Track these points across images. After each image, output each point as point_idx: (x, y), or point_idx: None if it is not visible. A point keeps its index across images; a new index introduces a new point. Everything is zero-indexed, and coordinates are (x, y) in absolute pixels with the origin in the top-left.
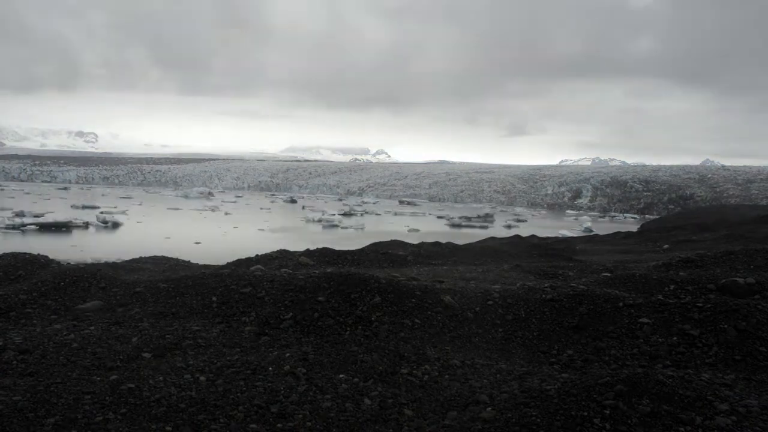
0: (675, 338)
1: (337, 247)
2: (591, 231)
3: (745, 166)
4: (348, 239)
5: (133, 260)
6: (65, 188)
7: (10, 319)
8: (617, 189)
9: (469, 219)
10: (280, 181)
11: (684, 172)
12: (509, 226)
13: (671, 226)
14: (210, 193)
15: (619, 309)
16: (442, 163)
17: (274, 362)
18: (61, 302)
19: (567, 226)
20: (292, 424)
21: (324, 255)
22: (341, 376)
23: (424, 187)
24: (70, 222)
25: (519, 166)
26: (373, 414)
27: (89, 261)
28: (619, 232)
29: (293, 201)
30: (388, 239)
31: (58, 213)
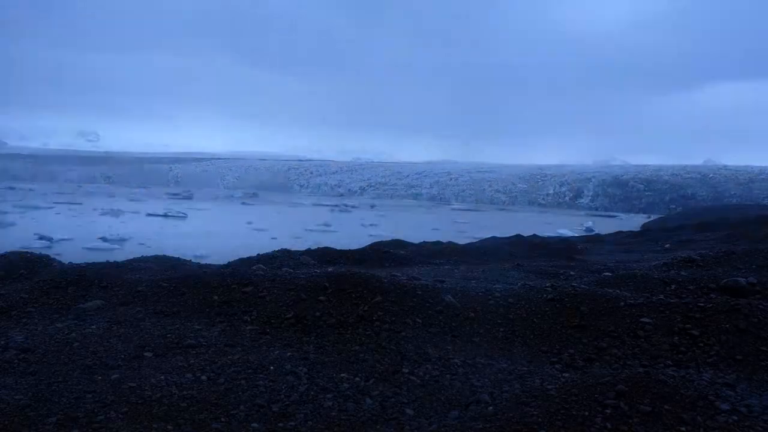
0: (676, 338)
1: None
2: (592, 230)
3: (746, 165)
4: None
5: (135, 259)
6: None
7: (11, 318)
8: (619, 189)
9: None
10: (282, 180)
11: (685, 172)
12: None
13: (673, 226)
14: (255, 194)
15: (620, 308)
16: (444, 162)
17: (276, 361)
18: (63, 301)
19: (565, 225)
20: (294, 423)
21: (325, 254)
22: (342, 375)
23: (425, 186)
24: None
25: (520, 166)
26: (374, 413)
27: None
28: (620, 232)
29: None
30: None
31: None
